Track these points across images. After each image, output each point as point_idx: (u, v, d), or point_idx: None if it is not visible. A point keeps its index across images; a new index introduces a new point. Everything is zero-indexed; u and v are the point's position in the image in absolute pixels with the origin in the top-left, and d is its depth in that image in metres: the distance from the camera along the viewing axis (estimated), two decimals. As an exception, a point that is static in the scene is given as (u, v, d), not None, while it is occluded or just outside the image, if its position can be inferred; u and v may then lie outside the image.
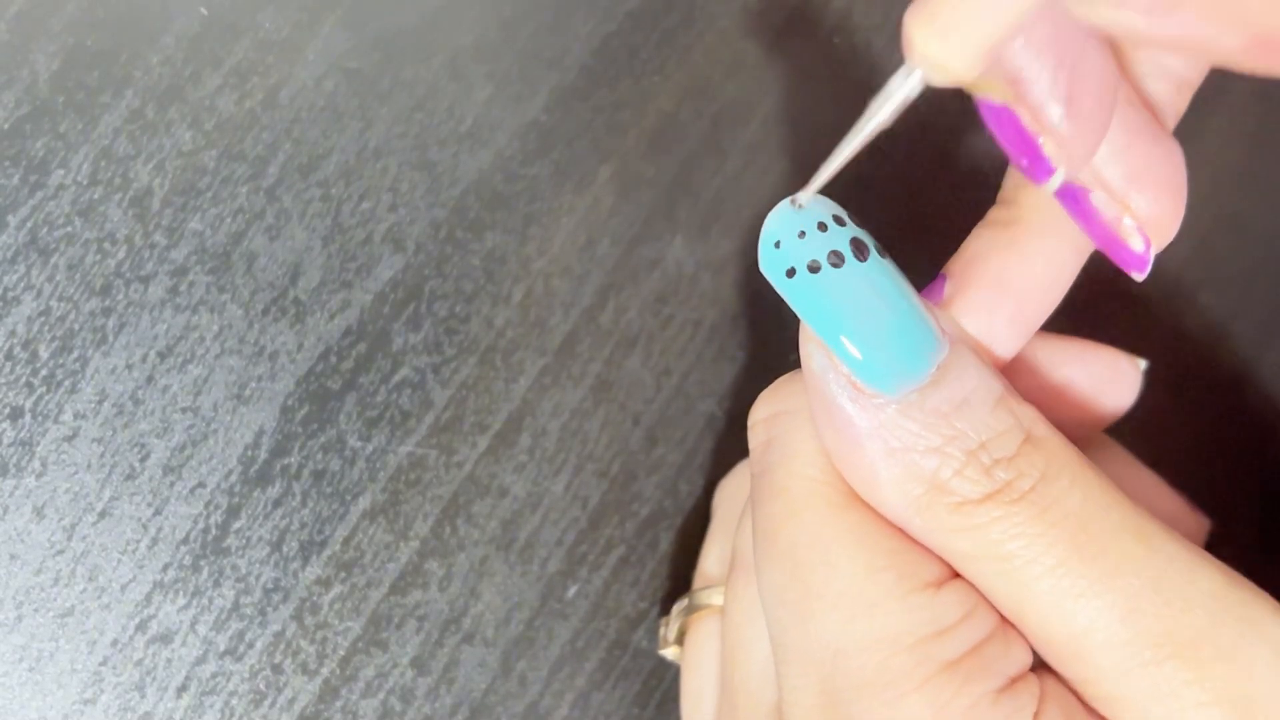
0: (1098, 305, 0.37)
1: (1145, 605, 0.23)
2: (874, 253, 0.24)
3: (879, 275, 0.24)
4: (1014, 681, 0.24)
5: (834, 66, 0.35)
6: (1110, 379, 0.29)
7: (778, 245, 0.24)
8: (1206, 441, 0.38)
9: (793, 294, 0.24)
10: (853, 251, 0.24)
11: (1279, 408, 0.38)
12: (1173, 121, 0.26)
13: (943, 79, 0.21)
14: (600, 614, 0.33)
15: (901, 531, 0.24)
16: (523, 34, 0.33)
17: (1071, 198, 0.24)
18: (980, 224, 0.26)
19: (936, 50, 0.20)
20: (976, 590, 0.24)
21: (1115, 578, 0.23)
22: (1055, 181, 0.23)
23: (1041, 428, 0.24)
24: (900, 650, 0.23)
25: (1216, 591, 0.23)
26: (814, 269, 0.24)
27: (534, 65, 0.33)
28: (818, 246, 0.24)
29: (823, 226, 0.24)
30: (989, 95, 0.22)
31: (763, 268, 0.24)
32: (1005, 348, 0.26)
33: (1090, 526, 0.23)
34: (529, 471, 0.32)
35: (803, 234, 0.24)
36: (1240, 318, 0.38)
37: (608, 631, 0.33)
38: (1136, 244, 0.25)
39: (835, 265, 0.24)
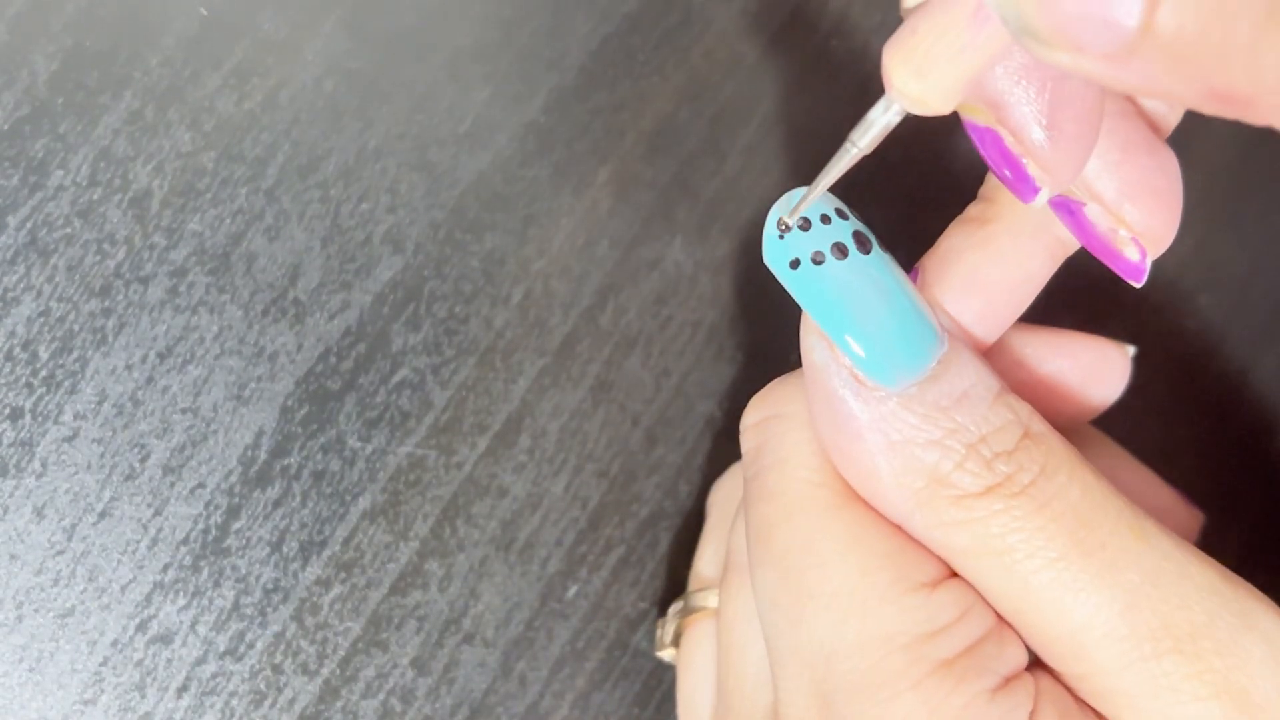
0: (1096, 307, 0.37)
1: (1144, 600, 0.23)
2: (875, 246, 0.24)
3: (880, 269, 0.24)
4: (1009, 680, 0.24)
5: (832, 68, 0.35)
6: (1099, 368, 0.29)
7: (782, 236, 0.24)
8: (1205, 442, 0.38)
9: (796, 286, 0.24)
10: (855, 244, 0.24)
11: (1277, 408, 0.38)
12: (1166, 132, 0.26)
13: (921, 111, 0.21)
14: (600, 614, 0.33)
15: (897, 532, 0.24)
16: (522, 35, 0.33)
17: (1066, 210, 0.25)
18: (957, 219, 0.27)
19: (914, 88, 0.21)
20: (972, 589, 0.24)
21: (1115, 573, 0.23)
22: (1041, 199, 0.23)
23: (1039, 424, 0.24)
24: (894, 650, 0.23)
25: (1212, 586, 0.23)
26: (818, 261, 0.24)
27: (533, 66, 0.33)
28: (821, 239, 0.24)
29: (825, 219, 0.24)
30: (973, 117, 0.23)
31: (766, 259, 0.24)
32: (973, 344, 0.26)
33: (1089, 521, 0.23)
34: (529, 472, 0.32)
35: (806, 225, 0.24)
36: (1239, 319, 0.38)
37: (607, 632, 0.33)
38: (1132, 254, 0.25)
39: (839, 258, 0.24)
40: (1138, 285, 0.25)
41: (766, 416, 0.26)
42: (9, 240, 0.29)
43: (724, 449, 0.34)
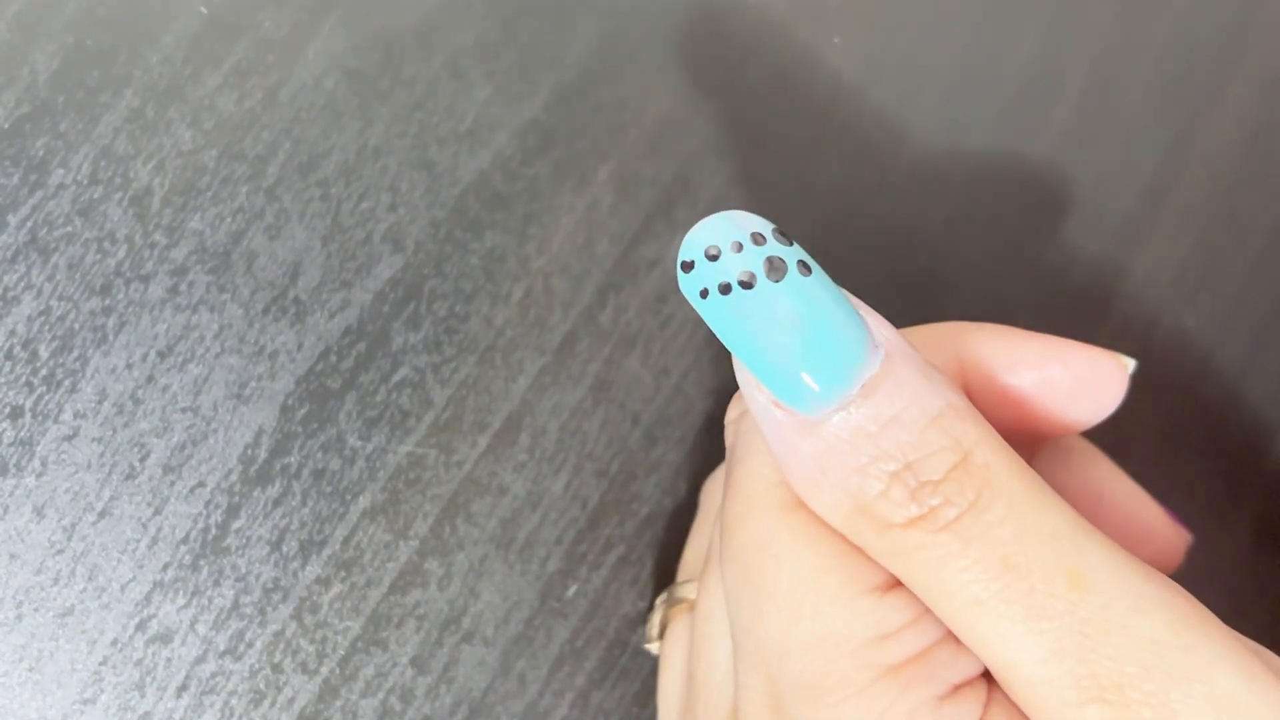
0: (1096, 305, 0.37)
1: (1069, 648, 0.22)
2: (792, 271, 0.23)
3: (794, 296, 0.23)
4: (958, 689, 0.23)
5: (835, 65, 0.35)
6: (1093, 380, 0.28)
7: (691, 266, 0.23)
8: (1205, 441, 0.38)
9: (707, 314, 0.23)
10: (766, 271, 0.23)
11: (1276, 407, 0.38)
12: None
13: None
14: (599, 613, 0.33)
15: None
16: (522, 33, 0.33)
17: None
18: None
19: None
20: None
21: (1038, 620, 0.22)
22: None
23: (985, 452, 0.23)
24: (842, 654, 0.23)
25: (1155, 637, 0.22)
26: (724, 290, 0.23)
27: (534, 64, 0.33)
28: (730, 267, 0.23)
29: (738, 246, 0.23)
30: None
31: (680, 287, 0.24)
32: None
33: (1017, 565, 0.22)
34: (528, 471, 0.32)
35: (716, 255, 0.23)
36: (1239, 318, 0.38)
37: (607, 631, 0.33)
38: None
39: (746, 286, 0.23)
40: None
41: (743, 412, 0.26)
42: (9, 239, 0.29)
43: (724, 447, 0.34)
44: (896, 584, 0.24)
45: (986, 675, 0.24)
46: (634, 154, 0.33)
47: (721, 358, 0.34)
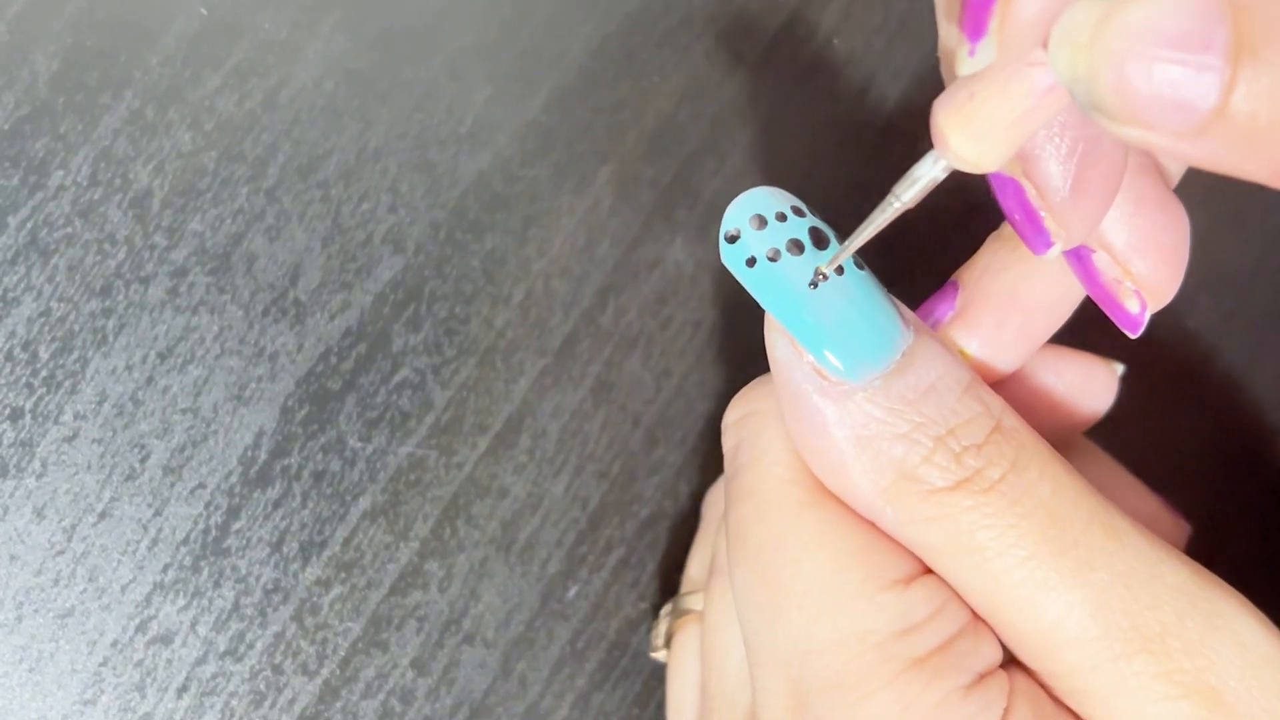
0: (1096, 306, 0.37)
1: (1114, 600, 0.23)
2: (833, 241, 0.24)
3: (842, 262, 0.24)
4: (983, 677, 0.24)
5: (833, 68, 0.35)
6: (1085, 385, 0.29)
7: (736, 236, 0.24)
8: (1204, 442, 0.38)
9: (753, 283, 0.24)
10: (811, 240, 0.24)
11: (1276, 409, 0.38)
12: (1173, 181, 0.26)
13: (970, 169, 0.21)
14: (600, 615, 0.33)
15: (870, 528, 0.24)
16: (522, 35, 0.33)
17: (1075, 254, 0.25)
18: (994, 236, 0.26)
19: (971, 151, 0.21)
20: (946, 585, 0.24)
21: (1085, 572, 0.23)
22: (1053, 253, 0.23)
23: (1011, 418, 0.24)
24: (867, 649, 0.23)
25: (1183, 586, 0.23)
26: (773, 258, 0.24)
27: (533, 66, 0.33)
28: (777, 236, 0.24)
29: (781, 217, 0.24)
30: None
31: (724, 258, 0.24)
32: (1010, 361, 0.26)
33: (1061, 519, 0.23)
34: (529, 472, 0.32)
35: (762, 224, 0.24)
36: (1239, 318, 0.38)
37: (608, 632, 0.33)
38: (1133, 306, 0.25)
39: (794, 254, 0.24)
40: (1133, 336, 0.26)
41: (745, 414, 0.26)
42: (9, 240, 0.29)
43: (724, 449, 0.34)
44: (917, 577, 0.24)
45: (1006, 664, 0.24)
46: (633, 156, 0.33)
47: (722, 359, 0.34)
